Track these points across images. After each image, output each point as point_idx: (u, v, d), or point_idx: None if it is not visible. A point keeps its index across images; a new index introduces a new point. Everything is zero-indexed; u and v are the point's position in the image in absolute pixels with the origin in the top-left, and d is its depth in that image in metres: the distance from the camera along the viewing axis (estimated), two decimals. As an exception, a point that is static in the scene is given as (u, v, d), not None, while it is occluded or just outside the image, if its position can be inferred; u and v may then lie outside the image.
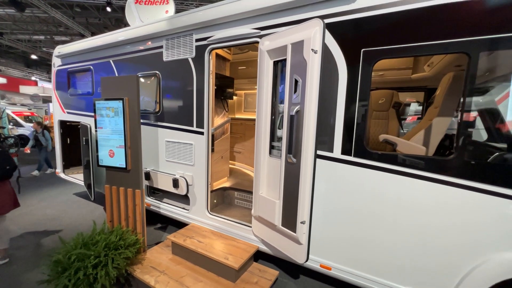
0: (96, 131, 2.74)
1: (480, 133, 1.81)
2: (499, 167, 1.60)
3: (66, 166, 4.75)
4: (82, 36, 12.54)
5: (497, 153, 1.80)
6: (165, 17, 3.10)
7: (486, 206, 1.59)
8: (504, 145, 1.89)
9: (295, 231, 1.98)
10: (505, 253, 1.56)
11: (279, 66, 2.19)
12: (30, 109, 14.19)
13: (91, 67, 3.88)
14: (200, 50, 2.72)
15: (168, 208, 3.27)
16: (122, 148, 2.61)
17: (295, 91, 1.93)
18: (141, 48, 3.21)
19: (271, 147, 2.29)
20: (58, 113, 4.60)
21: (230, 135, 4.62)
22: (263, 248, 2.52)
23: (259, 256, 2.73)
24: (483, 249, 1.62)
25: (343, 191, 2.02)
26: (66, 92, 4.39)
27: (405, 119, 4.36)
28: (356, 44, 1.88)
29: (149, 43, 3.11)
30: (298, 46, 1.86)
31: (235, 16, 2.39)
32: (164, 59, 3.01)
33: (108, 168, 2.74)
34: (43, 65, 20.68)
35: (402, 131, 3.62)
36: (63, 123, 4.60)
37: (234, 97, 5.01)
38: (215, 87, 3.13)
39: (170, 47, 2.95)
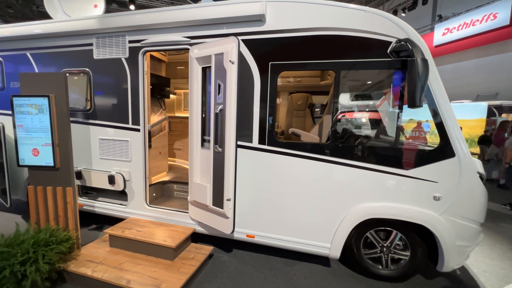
0: (14, 129, 2.59)
1: (348, 126, 2.62)
2: (361, 149, 2.36)
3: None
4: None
5: (360, 139, 2.63)
6: (95, 15, 3.09)
7: (350, 175, 2.33)
8: (365, 135, 2.75)
9: (222, 208, 2.42)
10: (359, 205, 2.34)
11: (206, 72, 2.58)
12: None
13: (0, 59, 3.47)
14: (134, 51, 2.87)
15: (103, 206, 3.27)
16: (49, 146, 2.55)
17: (219, 93, 2.36)
18: (68, 43, 3.12)
19: (203, 140, 2.67)
20: None
21: (170, 133, 4.78)
22: (200, 229, 2.88)
23: (198, 239, 3.07)
24: (348, 204, 2.38)
25: (260, 172, 2.55)
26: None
27: (319, 117, 5.34)
28: (265, 58, 2.43)
29: (77, 39, 3.06)
30: (219, 57, 2.30)
31: (167, 24, 2.66)
32: (95, 57, 3.03)
33: (32, 167, 2.62)
34: None
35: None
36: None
37: (174, 96, 5.17)
38: (151, 87, 3.30)
39: (101, 45, 2.99)
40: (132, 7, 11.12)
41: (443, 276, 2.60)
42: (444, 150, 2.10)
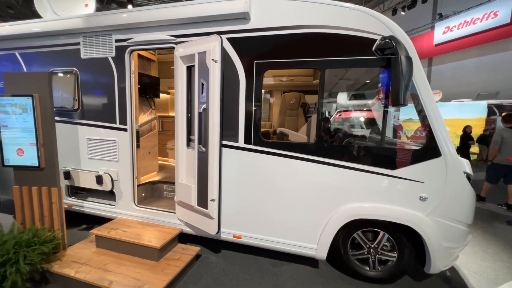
0: (-1, 129, 2.57)
1: (334, 126, 2.57)
2: (347, 148, 2.32)
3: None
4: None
5: (347, 139, 2.59)
6: (82, 14, 3.07)
7: (336, 175, 2.29)
8: (352, 134, 2.70)
9: (207, 208, 2.40)
10: (345, 206, 2.30)
11: (191, 71, 2.55)
12: None
13: (-12, 59, 3.47)
14: (121, 51, 2.85)
15: (92, 206, 3.26)
16: (33, 146, 2.54)
17: (202, 92, 2.33)
18: (56, 43, 3.10)
19: (189, 140, 2.64)
20: None
21: (163, 132, 4.76)
22: (187, 230, 2.85)
23: (188, 239, 3.04)
24: (334, 205, 2.34)
25: (247, 172, 2.52)
26: None
27: (310, 116, 5.29)
28: (250, 56, 2.39)
29: (65, 38, 3.04)
30: (202, 55, 2.27)
31: (152, 22, 2.64)
32: (82, 56, 3.01)
33: (17, 168, 2.61)
34: None
35: (308, 126, 4.46)
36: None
37: (167, 96, 5.14)
38: (140, 86, 3.28)
39: (88, 44, 2.97)
40: (130, 7, 11.12)
41: (432, 278, 2.56)
42: (430, 150, 2.06)
